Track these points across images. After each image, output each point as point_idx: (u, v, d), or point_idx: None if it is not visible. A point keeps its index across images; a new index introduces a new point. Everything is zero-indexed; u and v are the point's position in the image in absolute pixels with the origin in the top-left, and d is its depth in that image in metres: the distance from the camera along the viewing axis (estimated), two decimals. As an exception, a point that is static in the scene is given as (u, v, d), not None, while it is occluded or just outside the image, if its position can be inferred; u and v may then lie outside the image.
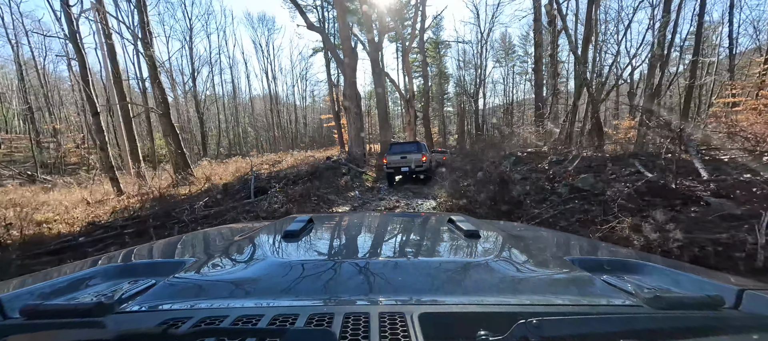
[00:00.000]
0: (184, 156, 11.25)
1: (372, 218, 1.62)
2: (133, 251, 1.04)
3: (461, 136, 31.20)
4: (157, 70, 10.33)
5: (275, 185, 7.41)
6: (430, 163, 10.51)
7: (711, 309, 0.53)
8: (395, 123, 37.01)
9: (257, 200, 6.56)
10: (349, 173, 11.52)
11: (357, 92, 14.17)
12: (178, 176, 11.04)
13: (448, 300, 0.61)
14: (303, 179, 9.29)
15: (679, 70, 16.57)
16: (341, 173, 11.26)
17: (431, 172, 10.83)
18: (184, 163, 11.29)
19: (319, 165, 10.90)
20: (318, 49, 24.19)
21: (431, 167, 10.73)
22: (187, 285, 0.71)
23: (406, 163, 9.90)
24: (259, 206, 6.20)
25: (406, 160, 9.92)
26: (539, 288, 0.72)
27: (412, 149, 10.29)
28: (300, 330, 0.47)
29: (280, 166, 13.35)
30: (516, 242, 1.06)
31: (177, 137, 11.02)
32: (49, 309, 0.52)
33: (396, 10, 22.25)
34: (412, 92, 21.71)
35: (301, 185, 8.53)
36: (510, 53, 34.43)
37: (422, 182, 10.64)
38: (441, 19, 30.78)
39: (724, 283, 0.68)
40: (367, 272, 0.77)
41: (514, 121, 25.78)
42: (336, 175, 10.86)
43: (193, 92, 26.91)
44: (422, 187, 9.75)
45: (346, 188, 9.44)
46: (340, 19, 13.14)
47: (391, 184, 10.27)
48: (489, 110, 33.52)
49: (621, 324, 0.47)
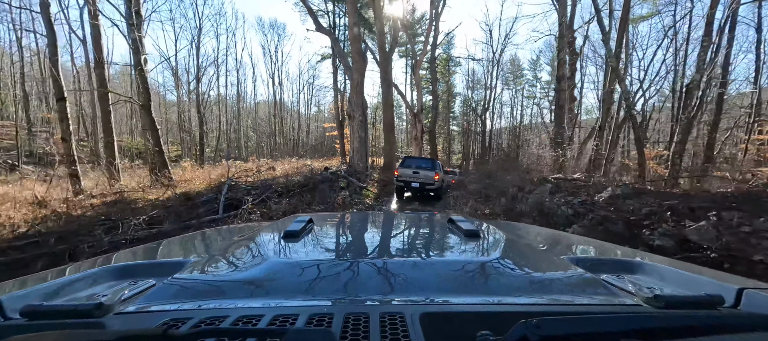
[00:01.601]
0: (162, 155, 9.73)
1: (372, 218, 1.58)
2: (133, 251, 1.07)
3: (467, 156, 29.77)
4: (141, 55, 8.94)
5: (247, 199, 5.81)
6: (442, 183, 9.75)
7: (711, 309, 0.53)
8: (399, 137, 35.63)
9: (225, 217, 4.98)
10: (348, 188, 9.93)
11: (363, 99, 12.75)
12: (154, 176, 9.52)
13: (448, 299, 0.59)
14: (293, 192, 7.73)
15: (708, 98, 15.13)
16: (339, 187, 9.68)
17: (442, 192, 10.00)
18: (162, 163, 9.75)
19: (314, 177, 9.32)
20: (326, 56, 23.01)
21: (442, 187, 9.93)
22: (187, 285, 0.69)
23: (417, 179, 9.23)
24: (227, 225, 4.62)
25: (418, 175, 9.22)
26: (539, 287, 0.69)
27: (426, 166, 9.60)
28: (300, 330, 0.46)
29: (273, 173, 11.79)
30: (516, 242, 1.04)
31: (157, 133, 9.52)
32: (50, 310, 0.50)
33: (408, 25, 21.22)
34: (421, 105, 20.36)
35: (289, 199, 6.94)
36: (518, 77, 33.38)
37: (430, 203, 9.61)
38: (452, 37, 29.83)
39: (724, 283, 0.67)
40: (368, 272, 0.74)
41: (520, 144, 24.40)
42: (332, 189, 9.28)
43: (196, 91, 25.68)
44: (433, 210, 8.25)
45: (343, 205, 7.87)
46: (350, 17, 11.86)
47: (400, 197, 9.59)
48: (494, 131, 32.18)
49: (621, 323, 0.45)
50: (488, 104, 26.29)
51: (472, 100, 29.49)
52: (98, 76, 10.14)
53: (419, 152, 19.66)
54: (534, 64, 32.15)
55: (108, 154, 10.32)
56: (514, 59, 32.94)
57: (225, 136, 31.71)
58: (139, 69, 9.03)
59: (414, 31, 23.91)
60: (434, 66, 21.81)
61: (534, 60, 32.56)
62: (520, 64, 32.94)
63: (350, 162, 13.34)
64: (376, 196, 10.68)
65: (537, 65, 32.44)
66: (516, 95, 33.79)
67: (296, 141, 33.33)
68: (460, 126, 36.12)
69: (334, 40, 14.11)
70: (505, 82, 32.31)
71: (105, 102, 10.21)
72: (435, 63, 21.99)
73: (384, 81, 16.41)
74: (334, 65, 20.03)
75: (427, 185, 9.23)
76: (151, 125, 9.42)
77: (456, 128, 36.71)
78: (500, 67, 27.31)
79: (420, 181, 9.24)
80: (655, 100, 19.06)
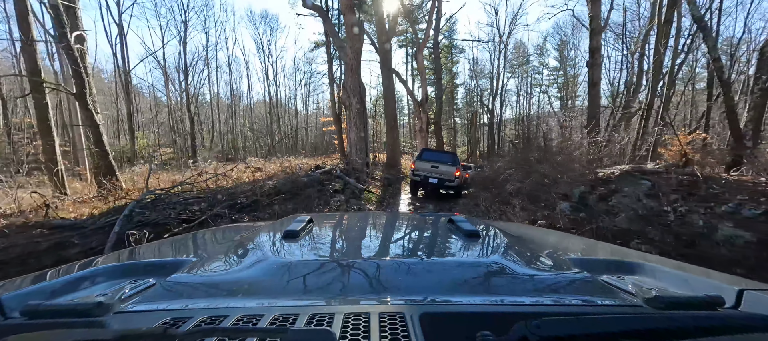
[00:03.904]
0: (107, 157, 7.43)
1: (372, 218, 1.54)
2: (133, 251, 1.02)
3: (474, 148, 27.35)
4: (65, 28, 6.62)
5: (189, 216, 3.51)
6: (461, 180, 8.70)
7: (711, 309, 0.51)
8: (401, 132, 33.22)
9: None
10: (344, 191, 7.59)
11: (360, 83, 10.37)
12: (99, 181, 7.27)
13: (448, 299, 0.58)
14: (271, 200, 5.46)
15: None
16: (333, 191, 7.37)
17: (461, 189, 9.00)
18: (107, 167, 7.46)
19: (298, 179, 6.99)
20: (320, 44, 20.59)
21: (461, 185, 8.86)
22: (188, 284, 0.67)
23: (436, 173, 8.34)
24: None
25: (437, 170, 8.34)
26: (539, 287, 0.67)
27: (446, 160, 8.68)
28: (300, 330, 0.44)
29: (257, 175, 9.48)
30: (516, 242, 1.00)
31: (98, 129, 7.21)
32: (50, 309, 0.49)
33: (409, 10, 18.75)
34: (426, 94, 17.91)
35: (255, 213, 4.64)
36: (524, 64, 30.74)
37: (447, 202, 8.16)
38: (455, 22, 27.19)
39: (724, 283, 0.65)
40: (368, 271, 0.72)
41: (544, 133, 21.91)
42: (324, 192, 6.96)
43: (185, 88, 23.38)
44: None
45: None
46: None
47: (415, 194, 8.75)
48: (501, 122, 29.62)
49: (621, 323, 0.43)
50: (496, 92, 23.78)
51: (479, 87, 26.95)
52: (28, 59, 7.84)
53: (425, 145, 17.44)
54: (540, 49, 29.52)
55: (47, 157, 8.05)
56: (519, 45, 30.32)
57: (222, 136, 29.42)
58: (67, 46, 6.70)
59: (414, 18, 21.45)
60: (438, 52, 19.35)
61: (540, 45, 29.97)
62: (526, 51, 30.30)
63: (348, 158, 11.00)
64: (380, 199, 8.34)
65: (544, 50, 29.84)
66: (521, 83, 31.21)
67: (294, 140, 30.99)
68: (463, 118, 33.68)
69: (325, 18, 11.71)
70: (511, 69, 29.72)
71: (39, 93, 7.91)
72: (438, 48, 19.52)
73: (384, 66, 13.98)
74: (329, 53, 17.60)
75: (447, 182, 8.30)
76: (89, 120, 7.12)
77: (459, 121, 34.27)
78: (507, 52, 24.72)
79: (439, 176, 8.32)
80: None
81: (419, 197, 9.14)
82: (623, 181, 4.43)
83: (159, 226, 3.50)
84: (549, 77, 30.21)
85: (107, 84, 27.47)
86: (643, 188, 3.86)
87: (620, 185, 4.32)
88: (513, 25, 22.66)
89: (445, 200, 8.75)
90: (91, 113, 7.13)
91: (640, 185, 3.98)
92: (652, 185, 3.86)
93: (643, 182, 4.03)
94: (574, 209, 4.53)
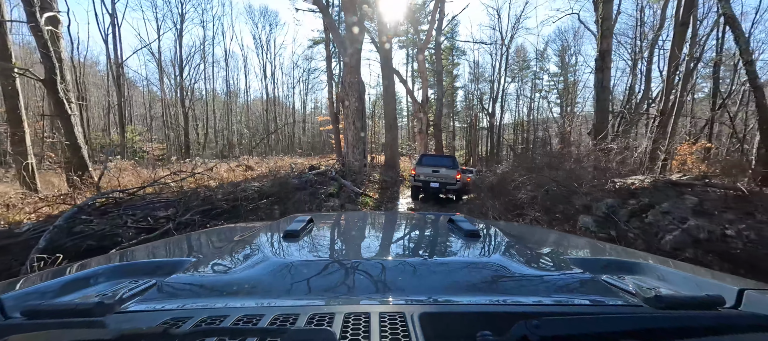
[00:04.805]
0: (79, 152, 6.69)
1: (373, 218, 1.51)
2: (134, 251, 1.00)
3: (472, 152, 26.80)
4: (35, 7, 5.90)
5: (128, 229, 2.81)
6: (462, 183, 8.51)
7: (711, 309, 0.51)
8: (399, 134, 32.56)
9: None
10: (339, 195, 6.93)
11: (359, 81, 9.72)
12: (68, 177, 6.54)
13: (448, 299, 0.57)
14: (257, 204, 4.79)
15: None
16: (327, 195, 6.70)
17: (463, 193, 8.92)
18: (79, 162, 6.73)
19: (289, 181, 6.31)
20: (318, 41, 19.90)
21: (462, 188, 8.70)
22: (188, 284, 0.66)
23: (437, 178, 8.14)
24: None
25: (437, 174, 8.15)
26: (539, 287, 0.66)
27: (446, 164, 8.49)
28: (300, 330, 0.44)
29: (248, 174, 8.79)
30: (516, 242, 0.98)
31: (68, 120, 6.46)
32: (50, 309, 0.49)
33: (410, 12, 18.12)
34: (426, 95, 17.30)
35: (241, 218, 3.97)
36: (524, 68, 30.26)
37: (448, 209, 7.19)
38: (457, 24, 26.65)
39: (724, 283, 0.64)
40: (368, 272, 0.70)
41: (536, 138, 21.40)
42: (316, 196, 6.29)
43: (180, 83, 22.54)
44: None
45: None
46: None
47: (416, 198, 8.56)
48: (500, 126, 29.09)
49: (621, 323, 0.43)
50: (496, 95, 23.24)
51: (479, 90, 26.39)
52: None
53: (424, 148, 16.81)
54: (541, 54, 29.05)
55: (16, 150, 7.29)
56: (521, 49, 29.85)
57: (217, 133, 28.55)
58: (35, 25, 5.97)
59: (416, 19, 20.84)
60: (440, 53, 18.75)
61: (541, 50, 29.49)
62: (527, 55, 29.84)
63: (344, 159, 10.33)
64: (378, 204, 7.69)
65: (544, 55, 29.38)
66: (522, 88, 30.73)
67: (291, 139, 30.22)
68: (462, 121, 33.11)
69: (325, 13, 11.04)
70: (512, 74, 29.22)
71: (8, 78, 7.15)
72: (440, 49, 18.92)
73: (384, 65, 13.37)
74: (328, 51, 16.91)
75: (449, 185, 8.13)
76: (59, 110, 6.37)
77: (458, 124, 33.69)
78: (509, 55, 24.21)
79: (440, 181, 8.11)
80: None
81: (419, 202, 8.51)
82: (656, 194, 3.81)
83: (106, 239, 2.82)
84: (549, 82, 29.78)
85: (101, 76, 26.51)
86: (687, 204, 3.26)
87: (655, 200, 3.70)
88: (516, 28, 22.14)
89: (446, 206, 8.12)
90: (61, 101, 6.39)
91: (683, 201, 3.37)
92: (699, 202, 3.26)
93: (687, 197, 3.42)
94: (599, 224, 3.91)
